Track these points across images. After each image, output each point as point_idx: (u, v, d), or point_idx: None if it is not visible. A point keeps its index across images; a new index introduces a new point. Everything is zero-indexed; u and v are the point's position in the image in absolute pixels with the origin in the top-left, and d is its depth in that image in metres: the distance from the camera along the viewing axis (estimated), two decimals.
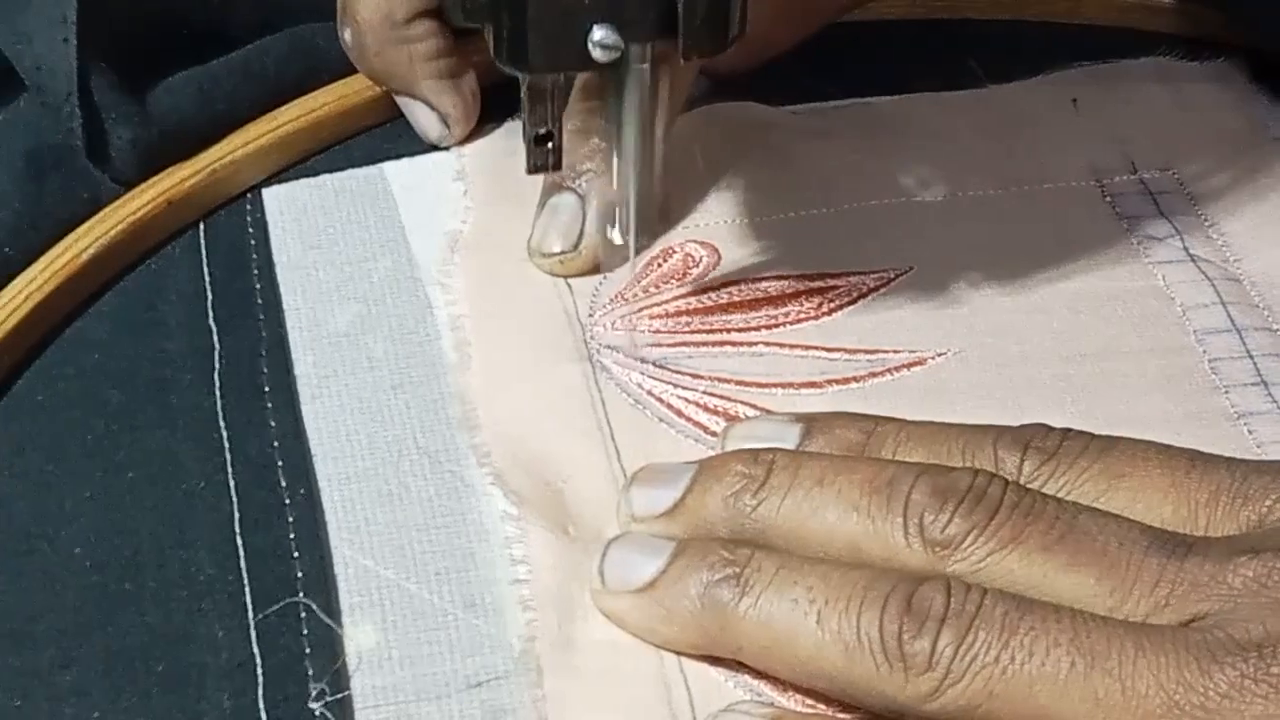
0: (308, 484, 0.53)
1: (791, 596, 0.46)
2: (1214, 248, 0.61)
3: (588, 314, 0.59)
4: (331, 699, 0.48)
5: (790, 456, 0.50)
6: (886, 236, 0.62)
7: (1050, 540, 0.46)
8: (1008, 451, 0.49)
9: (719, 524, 0.49)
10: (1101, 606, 0.45)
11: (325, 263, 0.61)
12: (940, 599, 0.45)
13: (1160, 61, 0.69)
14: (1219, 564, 0.45)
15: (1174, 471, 0.48)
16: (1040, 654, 0.44)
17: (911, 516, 0.47)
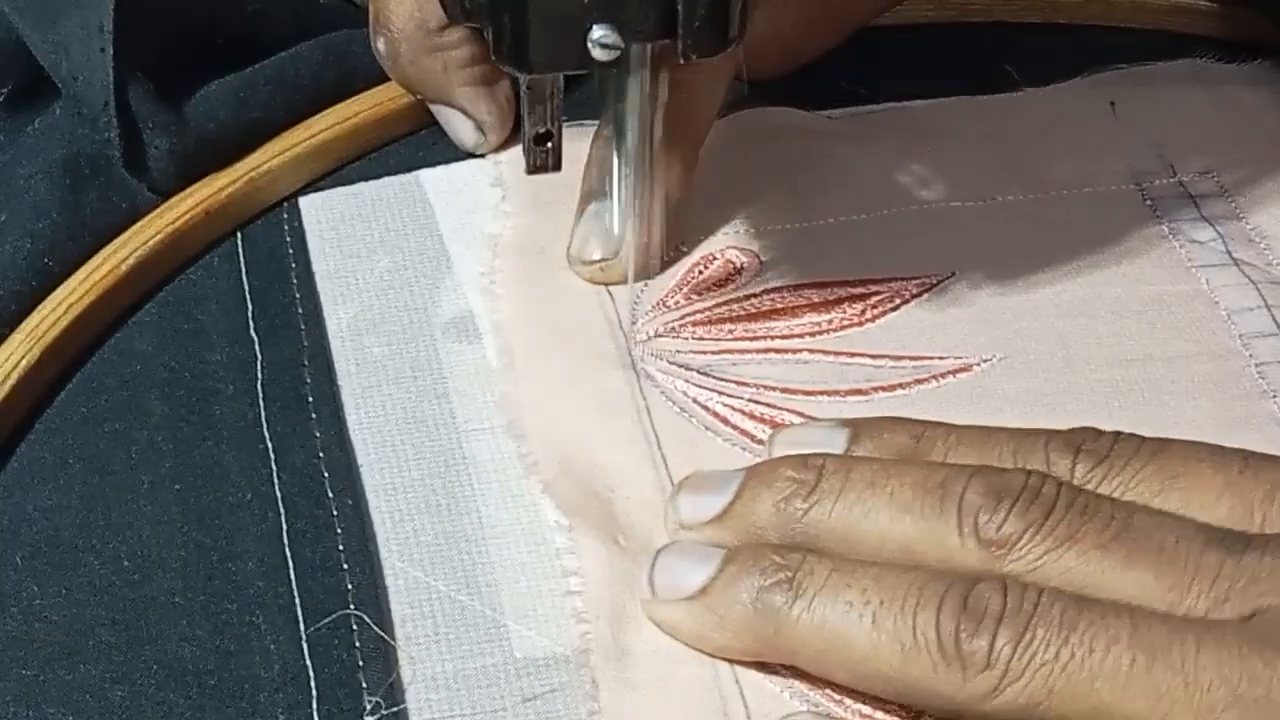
0: (355, 495, 0.53)
1: (846, 599, 0.46)
2: (1257, 250, 0.61)
3: (630, 321, 0.59)
4: (387, 712, 0.48)
5: (840, 460, 0.50)
6: (926, 242, 0.62)
7: (1106, 538, 0.46)
8: (1059, 454, 0.49)
9: (769, 529, 0.49)
10: (1161, 603, 0.45)
11: (364, 271, 0.61)
12: (997, 598, 0.44)
13: (1196, 63, 0.68)
14: (1277, 558, 0.44)
15: (1227, 470, 0.48)
16: (1101, 650, 0.43)
17: (966, 517, 0.47)
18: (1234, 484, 0.48)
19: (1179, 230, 0.62)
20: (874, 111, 0.67)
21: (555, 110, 0.53)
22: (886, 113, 0.67)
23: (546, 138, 0.54)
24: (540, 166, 0.54)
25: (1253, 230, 0.62)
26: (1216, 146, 0.65)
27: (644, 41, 0.50)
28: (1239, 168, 0.64)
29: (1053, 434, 0.50)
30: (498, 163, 0.65)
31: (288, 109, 0.64)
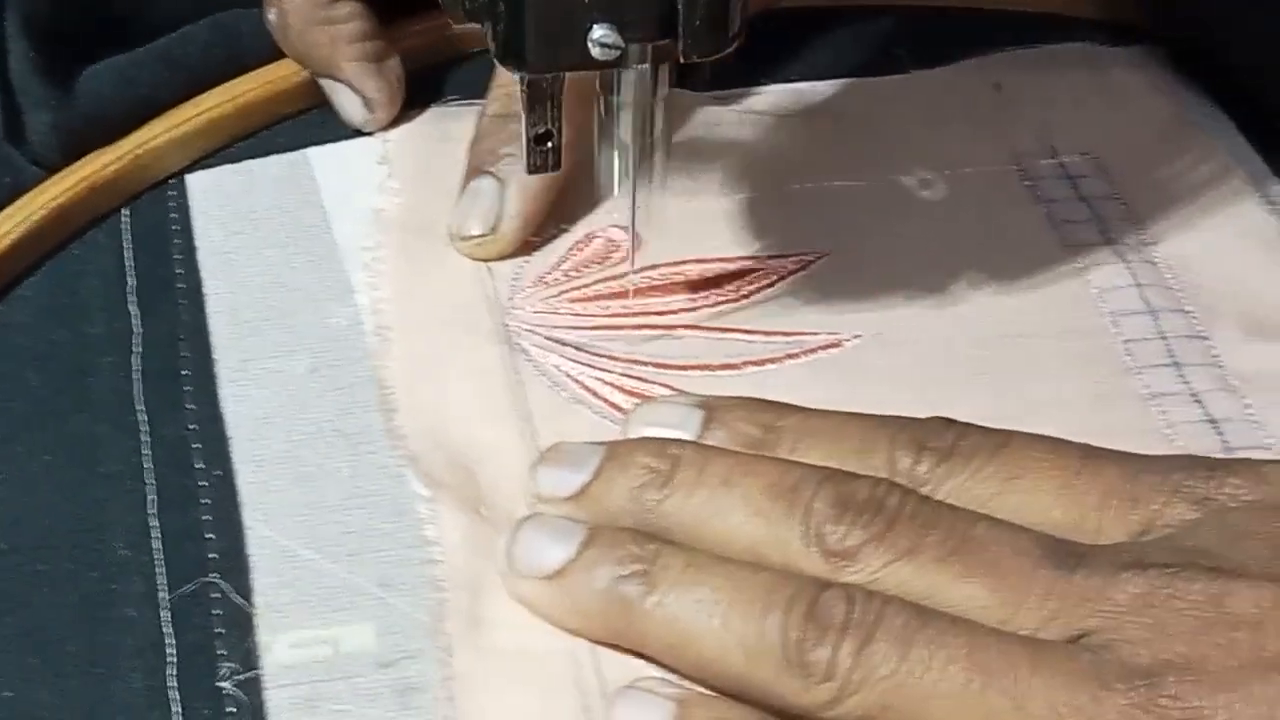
0: (224, 466, 0.54)
1: (697, 596, 0.47)
2: (1132, 230, 0.62)
3: (508, 297, 0.59)
4: (241, 677, 0.48)
5: (697, 452, 0.50)
6: (808, 221, 0.62)
7: (945, 551, 0.46)
8: (904, 451, 0.50)
9: (623, 515, 0.50)
10: (994, 618, 0.45)
11: (247, 247, 0.61)
12: (842, 607, 0.45)
13: (1083, 47, 0.69)
14: (1107, 578, 0.45)
15: (1064, 472, 0.48)
16: (937, 668, 0.44)
17: (811, 525, 0.47)
18: (1070, 487, 0.48)
19: (1055, 210, 0.63)
20: (761, 92, 0.68)
21: (555, 110, 0.53)
22: (775, 93, 0.68)
23: (546, 137, 0.54)
24: (540, 166, 0.54)
25: (1128, 211, 0.63)
26: (1098, 128, 0.66)
27: (644, 41, 0.50)
28: (1119, 149, 0.65)
29: (900, 428, 0.50)
30: (385, 140, 0.65)
31: (176, 87, 0.65)
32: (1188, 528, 0.47)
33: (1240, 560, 0.45)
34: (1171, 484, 0.48)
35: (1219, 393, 0.56)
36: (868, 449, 0.50)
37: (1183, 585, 0.44)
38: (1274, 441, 0.55)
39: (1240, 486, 0.47)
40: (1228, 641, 0.43)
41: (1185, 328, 0.58)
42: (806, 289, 0.60)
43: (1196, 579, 0.44)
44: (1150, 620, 0.44)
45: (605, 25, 0.49)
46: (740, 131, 0.66)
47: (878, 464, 0.50)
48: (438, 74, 0.68)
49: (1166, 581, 0.44)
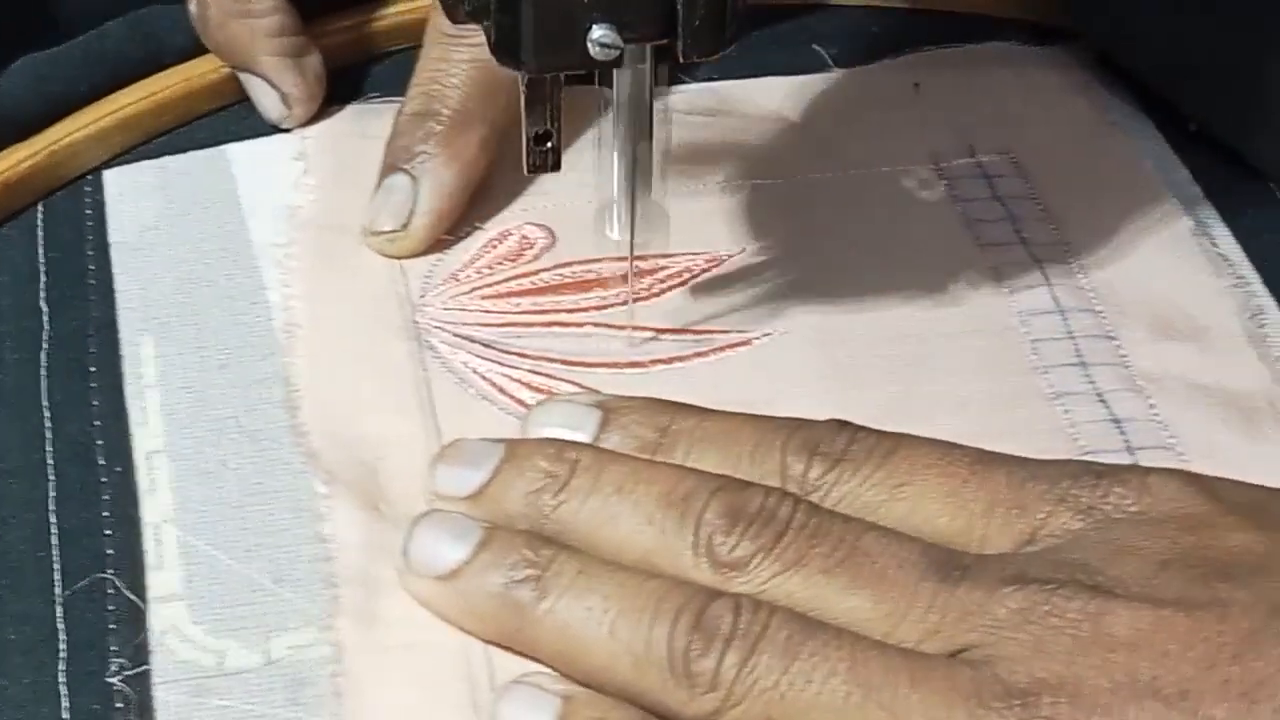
0: (125, 462, 0.54)
1: (587, 604, 0.47)
2: (1046, 230, 0.62)
3: (419, 295, 0.59)
4: (130, 673, 0.48)
5: (594, 457, 0.50)
6: (723, 219, 0.62)
7: (832, 563, 0.46)
8: (795, 457, 0.50)
9: (519, 518, 0.50)
10: (877, 630, 0.45)
11: (161, 243, 0.61)
12: (729, 618, 0.45)
13: (1004, 46, 0.69)
14: (987, 592, 0.45)
15: (952, 479, 0.49)
16: (818, 681, 0.44)
17: (702, 536, 0.47)
18: (957, 494, 0.48)
19: (971, 210, 0.63)
20: (681, 90, 0.68)
21: (555, 110, 0.53)
22: (694, 92, 0.68)
23: (546, 137, 0.54)
24: (540, 166, 0.54)
25: (1044, 210, 0.63)
26: (1017, 128, 0.66)
27: (643, 42, 0.50)
28: (1036, 149, 0.65)
29: (792, 431, 0.51)
30: (304, 137, 0.65)
31: (92, 85, 0.65)
32: (1072, 539, 0.47)
33: (1120, 577, 0.45)
34: (1058, 492, 0.48)
35: (1124, 392, 0.56)
36: (760, 454, 0.50)
37: (1061, 603, 0.44)
38: (1176, 441, 0.55)
39: (1125, 497, 0.47)
40: (1103, 663, 0.43)
41: (1094, 327, 0.58)
42: (717, 287, 0.60)
43: (1075, 596, 0.44)
44: (1028, 637, 0.44)
45: (605, 25, 0.49)
46: (658, 129, 0.65)
47: (770, 469, 0.50)
48: (359, 71, 0.68)
49: (1045, 598, 0.44)
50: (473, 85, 0.62)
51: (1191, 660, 0.43)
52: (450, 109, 0.61)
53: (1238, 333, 0.58)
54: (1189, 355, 0.57)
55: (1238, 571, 0.45)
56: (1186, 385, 0.56)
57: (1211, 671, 0.43)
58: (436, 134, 0.61)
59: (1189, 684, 0.43)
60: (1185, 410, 0.56)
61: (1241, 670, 0.43)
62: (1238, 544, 0.46)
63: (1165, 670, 0.43)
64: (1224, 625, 0.43)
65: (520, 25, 0.49)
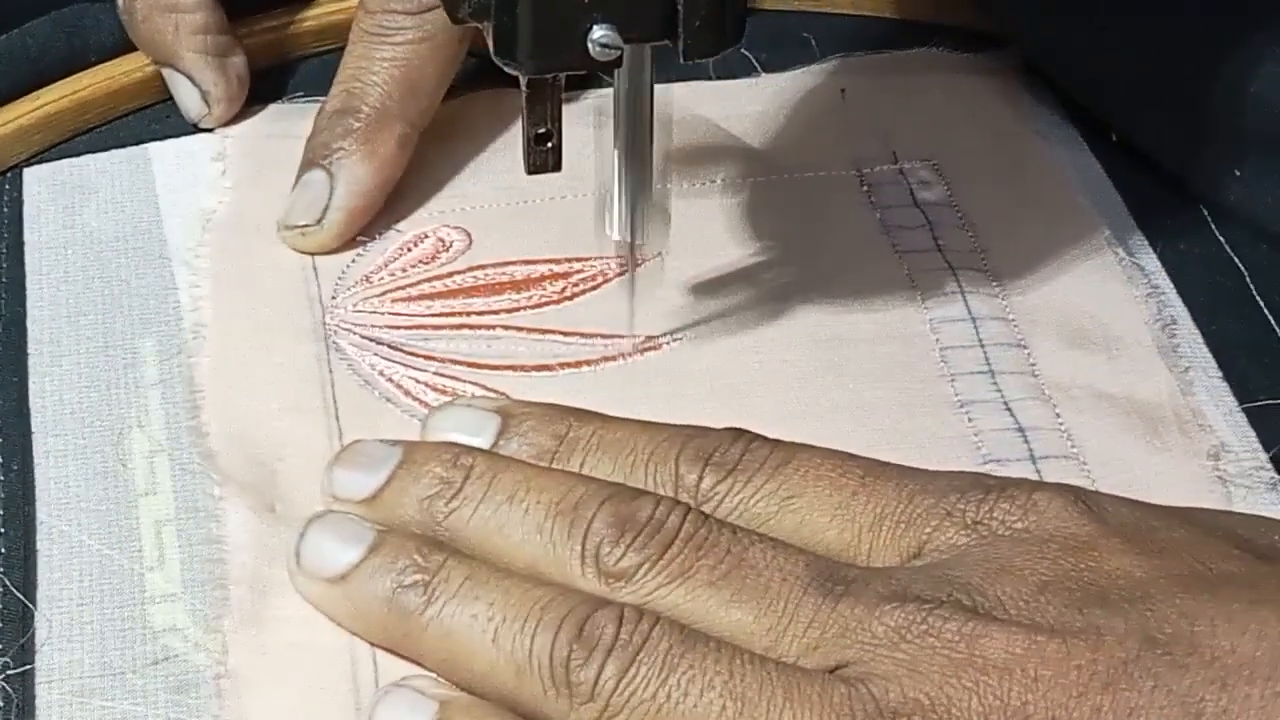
0: (23, 460, 0.54)
1: (472, 611, 0.47)
2: (963, 238, 0.62)
3: (331, 296, 0.59)
4: (14, 671, 0.48)
5: (489, 464, 0.50)
6: None
7: (717, 575, 0.46)
8: (689, 467, 0.50)
9: (413, 523, 0.50)
10: (759, 644, 0.45)
11: (77, 242, 0.61)
12: (611, 628, 0.45)
13: (930, 53, 0.69)
14: (868, 608, 0.45)
15: (842, 491, 0.49)
16: (695, 694, 0.44)
17: (589, 545, 0.48)
18: (846, 507, 0.48)
19: (890, 216, 0.63)
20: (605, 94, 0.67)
21: (555, 110, 0.53)
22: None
23: (546, 138, 0.54)
24: (540, 166, 0.54)
25: (963, 218, 0.63)
26: (940, 134, 0.66)
27: (644, 42, 0.50)
28: (958, 155, 0.65)
29: (687, 440, 0.51)
30: (225, 137, 0.65)
31: (13, 82, 0.65)
32: (956, 555, 0.47)
33: (999, 598, 0.45)
34: (945, 507, 0.48)
35: (1030, 401, 0.56)
36: (655, 463, 0.50)
37: (938, 623, 0.44)
38: (1079, 451, 0.55)
39: (1011, 513, 0.47)
40: (975, 685, 0.43)
41: (1004, 335, 0.58)
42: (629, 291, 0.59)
43: (952, 617, 0.44)
44: (904, 656, 0.44)
45: (605, 26, 0.49)
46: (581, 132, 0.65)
47: (663, 479, 0.50)
48: (284, 71, 0.68)
49: (923, 618, 0.44)
50: (393, 84, 0.62)
51: (1063, 687, 0.43)
52: (370, 106, 0.61)
53: (1148, 343, 0.58)
54: (1098, 364, 0.57)
55: (1115, 598, 0.45)
56: (1094, 395, 0.56)
57: (1082, 700, 0.43)
58: (355, 131, 0.61)
59: (1059, 710, 0.43)
60: (1090, 419, 0.55)
61: (1113, 700, 0.43)
62: (1118, 568, 0.45)
63: (1036, 696, 0.43)
64: (1097, 654, 0.43)
65: (520, 25, 0.49)
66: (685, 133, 0.66)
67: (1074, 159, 0.65)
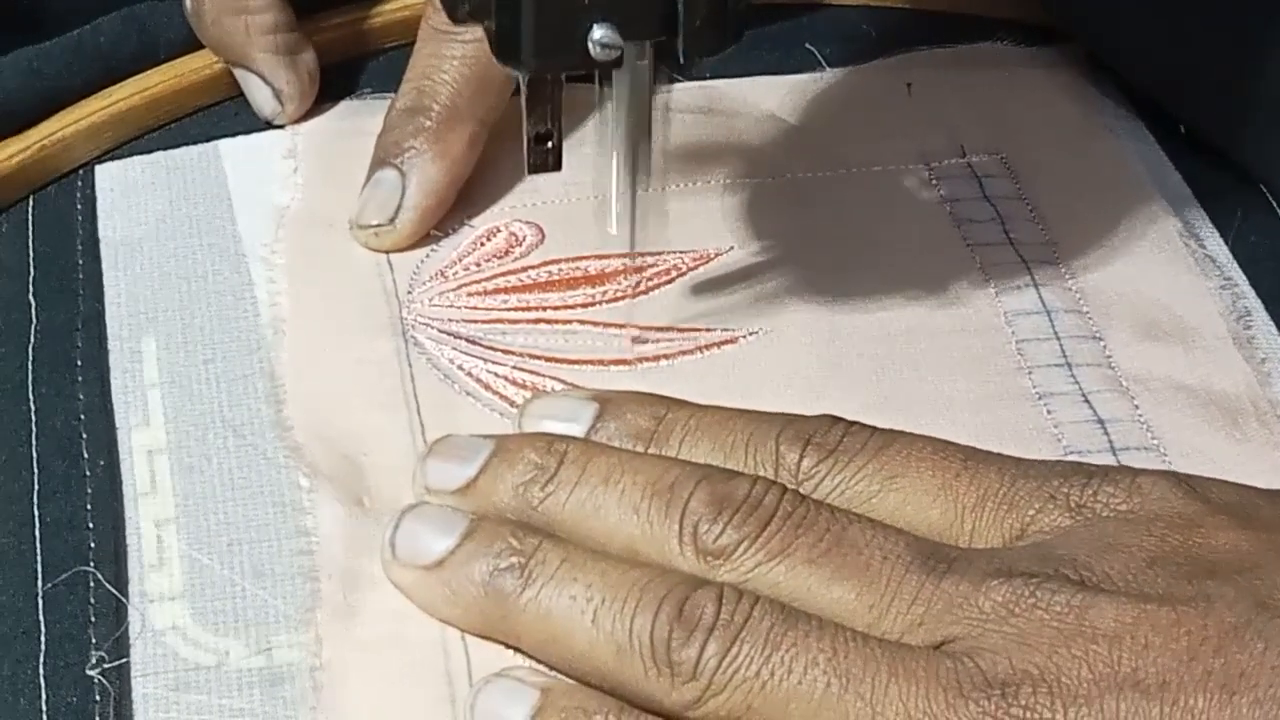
0: (109, 456, 0.54)
1: (571, 593, 0.47)
2: (1034, 230, 0.62)
3: (406, 290, 0.60)
4: (110, 665, 0.48)
5: (582, 449, 0.51)
6: (711, 217, 0.62)
7: (817, 553, 0.47)
8: (789, 447, 0.50)
9: (508, 510, 0.50)
10: (861, 622, 0.46)
11: (151, 238, 0.62)
12: (711, 608, 0.45)
13: (996, 47, 0.69)
14: (973, 585, 0.45)
15: (945, 473, 0.49)
16: (798, 671, 0.44)
17: (687, 524, 0.48)
18: (949, 488, 0.49)
19: (960, 209, 0.63)
20: (674, 89, 0.68)
21: (555, 110, 0.53)
22: (686, 90, 0.68)
23: (547, 137, 0.54)
24: (540, 166, 0.54)
25: (1032, 211, 0.63)
26: (1007, 128, 0.66)
27: (644, 41, 0.50)
28: (1026, 149, 0.65)
29: (787, 423, 0.51)
30: (295, 134, 0.66)
31: (85, 80, 0.65)
32: (1060, 535, 0.47)
33: (1106, 573, 0.45)
34: (1049, 490, 0.48)
35: (1108, 393, 0.56)
36: (754, 444, 0.50)
37: (1046, 596, 0.44)
38: (1159, 442, 0.55)
39: (1115, 496, 0.47)
40: (1085, 654, 0.43)
41: (1079, 328, 0.58)
42: (705, 285, 0.60)
43: (1060, 590, 0.45)
44: (1012, 630, 0.44)
45: (605, 25, 0.49)
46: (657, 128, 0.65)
47: (763, 459, 0.50)
48: (353, 67, 0.68)
49: (1030, 591, 0.45)
50: (464, 82, 0.62)
51: (1173, 653, 0.43)
52: (440, 105, 0.62)
53: (1223, 334, 0.58)
54: (1174, 356, 0.57)
55: (1224, 569, 0.45)
56: (1171, 386, 0.56)
57: (1193, 664, 0.43)
58: (426, 130, 0.61)
59: (1169, 675, 0.43)
60: (1169, 411, 0.56)
61: (1223, 663, 0.43)
62: (1225, 543, 0.46)
63: (1146, 662, 0.43)
64: (1207, 620, 0.44)
65: (520, 25, 0.49)
66: (751, 128, 0.66)
67: (1141, 151, 0.65)
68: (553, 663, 0.48)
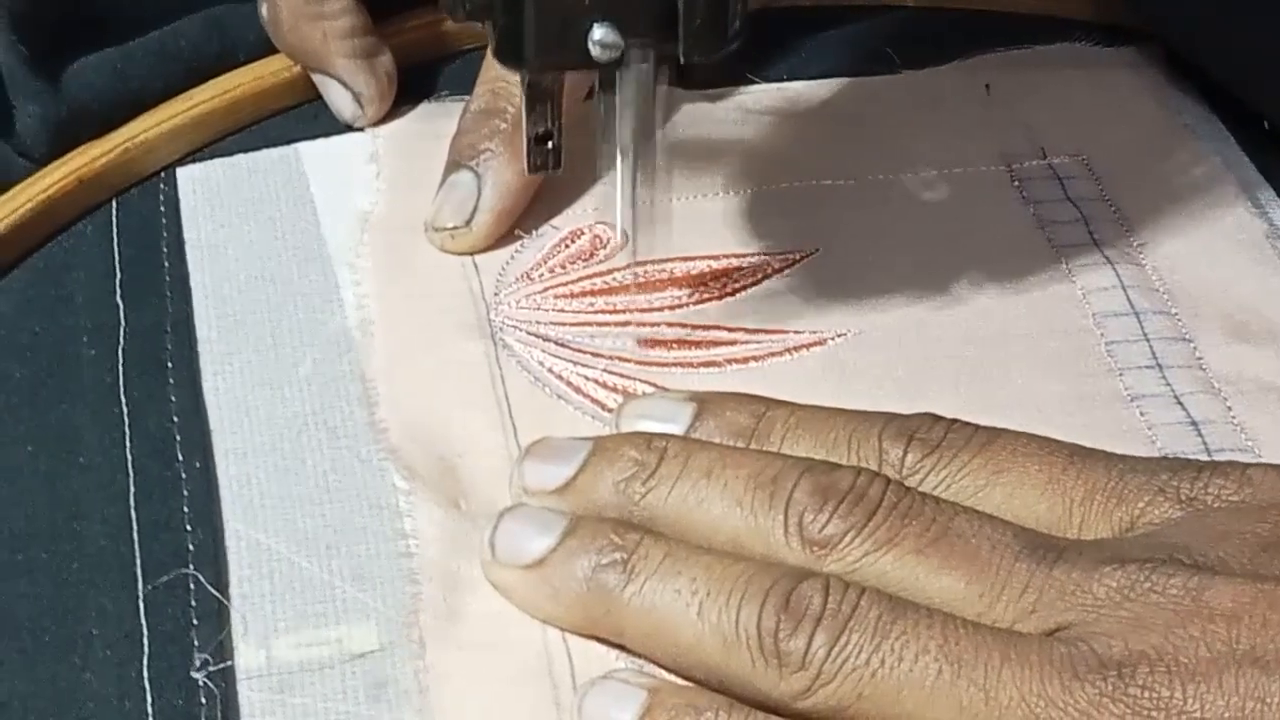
0: (204, 458, 0.54)
1: (675, 586, 0.47)
2: (1119, 232, 0.62)
3: (493, 293, 0.59)
4: (215, 669, 0.48)
5: (682, 445, 0.51)
6: (794, 219, 0.62)
7: (924, 542, 0.46)
8: (892, 442, 0.50)
9: (608, 507, 0.50)
10: (971, 610, 0.45)
11: (235, 241, 0.62)
12: (818, 598, 0.45)
13: (1074, 47, 0.69)
14: (1086, 572, 0.45)
15: (1052, 468, 0.49)
16: (910, 659, 0.44)
17: (792, 515, 0.48)
18: (1057, 482, 0.49)
19: (1043, 211, 0.63)
20: (753, 92, 0.68)
21: (555, 110, 0.53)
22: (764, 92, 0.68)
23: (547, 137, 0.54)
24: (541, 165, 0.55)
25: (1116, 212, 0.63)
26: (1087, 129, 0.66)
27: (643, 41, 0.50)
28: (1108, 150, 0.65)
29: (889, 420, 0.51)
30: (375, 136, 0.66)
31: (166, 81, 0.65)
32: (1171, 525, 0.47)
33: (1221, 557, 0.45)
34: (1157, 483, 0.48)
35: (1201, 395, 0.56)
36: (857, 440, 0.50)
37: (1161, 579, 0.44)
38: (1254, 444, 0.55)
39: (1225, 487, 0.47)
40: (1202, 633, 0.43)
41: (1169, 330, 0.58)
42: (792, 287, 0.60)
43: (1176, 573, 0.44)
44: (1127, 614, 0.44)
45: (605, 25, 0.49)
46: (731, 130, 0.66)
47: (866, 455, 0.50)
48: (430, 70, 0.68)
49: (1146, 575, 0.44)
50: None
51: None
52: (516, 107, 0.61)
53: None
54: (1266, 358, 0.57)
55: None
56: (1262, 388, 0.56)
57: None
58: (502, 132, 0.61)
59: None
60: (1262, 413, 0.56)
61: None
62: None
63: (1265, 639, 0.43)
64: None
65: (521, 26, 0.49)
66: (831, 130, 0.66)
67: (1223, 151, 0.65)
68: (657, 658, 0.48)
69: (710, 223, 0.62)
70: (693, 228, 0.62)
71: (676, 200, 0.63)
